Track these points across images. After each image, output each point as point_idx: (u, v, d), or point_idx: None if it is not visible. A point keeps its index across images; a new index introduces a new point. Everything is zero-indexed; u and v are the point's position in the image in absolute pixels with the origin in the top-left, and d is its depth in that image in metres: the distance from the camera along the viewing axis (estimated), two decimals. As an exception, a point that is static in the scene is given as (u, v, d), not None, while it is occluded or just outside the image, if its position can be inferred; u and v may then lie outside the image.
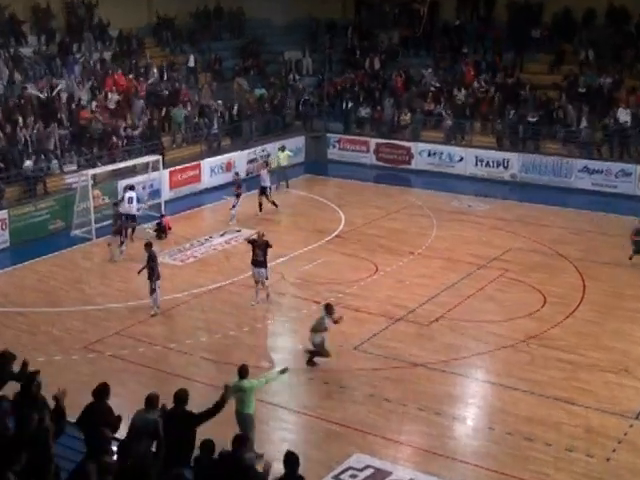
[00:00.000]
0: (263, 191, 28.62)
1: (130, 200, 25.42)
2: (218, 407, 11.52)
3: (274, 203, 28.64)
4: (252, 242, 20.70)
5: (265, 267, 20.52)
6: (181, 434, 10.93)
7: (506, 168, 33.63)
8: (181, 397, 11.40)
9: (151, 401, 11.41)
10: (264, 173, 29.00)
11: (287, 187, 31.92)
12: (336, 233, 26.59)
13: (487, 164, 33.97)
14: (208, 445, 10.22)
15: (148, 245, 20.43)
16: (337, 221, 27.88)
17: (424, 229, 26.98)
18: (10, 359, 11.67)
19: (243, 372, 13.76)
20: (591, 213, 28.70)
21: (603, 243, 25.52)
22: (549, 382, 16.68)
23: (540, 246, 25.39)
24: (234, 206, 27.62)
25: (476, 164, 34.15)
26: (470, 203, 30.31)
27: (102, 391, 11.25)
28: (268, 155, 33.84)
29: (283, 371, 14.53)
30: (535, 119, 33.90)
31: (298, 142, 36.65)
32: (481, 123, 35.59)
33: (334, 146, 37.20)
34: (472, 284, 22.08)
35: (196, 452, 10.57)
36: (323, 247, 25.32)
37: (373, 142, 36.31)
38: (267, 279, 20.63)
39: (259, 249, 20.38)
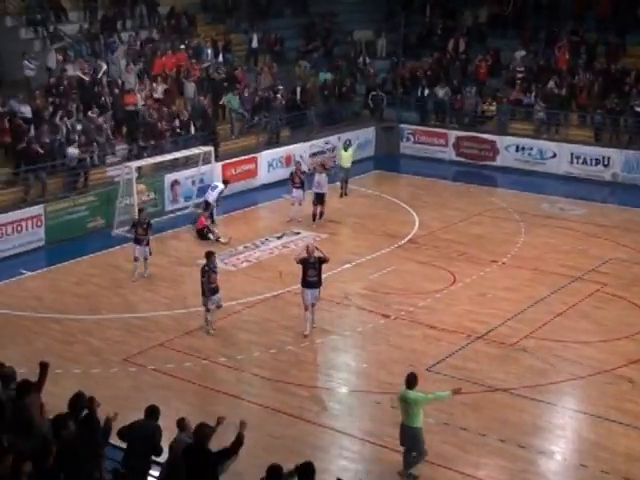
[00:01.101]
0: (320, 199, 27.67)
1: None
2: (235, 446, 11.11)
3: (320, 214, 27.69)
4: (302, 261, 19.45)
5: (319, 287, 19.63)
6: (201, 474, 10.98)
7: (606, 166, 33.19)
8: (201, 435, 11.20)
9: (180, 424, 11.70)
10: (322, 178, 27.81)
11: (345, 194, 30.78)
12: (409, 238, 26.52)
13: (584, 161, 33.57)
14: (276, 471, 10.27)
15: (207, 255, 20.25)
16: (410, 224, 27.81)
17: (510, 235, 26.73)
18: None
19: (411, 381, 14.02)
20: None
21: None
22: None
23: (644, 257, 25.04)
24: (299, 203, 27.86)
25: (571, 161, 33.77)
26: (563, 206, 29.95)
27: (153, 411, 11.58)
28: (333, 151, 33.93)
29: (456, 391, 14.46)
30: (640, 109, 33.44)
31: (367, 134, 36.71)
32: (578, 114, 35.18)
33: (408, 139, 37.16)
34: (564, 299, 21.80)
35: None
36: (394, 253, 25.27)
37: (453, 135, 36.16)
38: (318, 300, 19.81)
39: (312, 267, 19.41)
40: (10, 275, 23.43)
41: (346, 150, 30.77)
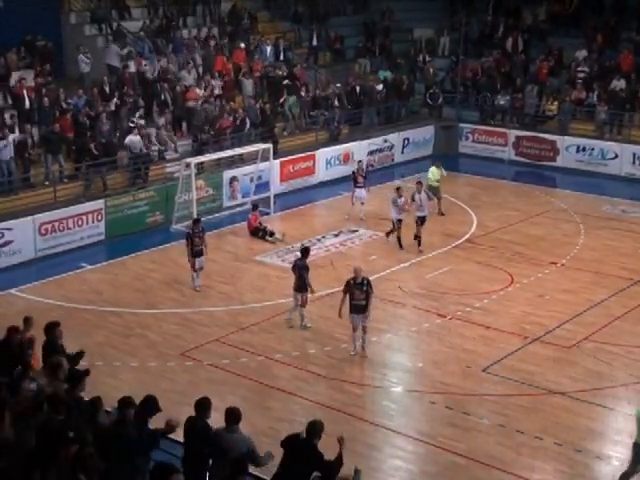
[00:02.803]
0: (422, 221, 25.49)
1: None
2: (337, 466, 10.85)
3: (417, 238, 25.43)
4: (348, 285, 18.48)
5: (366, 312, 18.54)
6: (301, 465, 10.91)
7: (672, 168, 32.68)
8: (314, 428, 11.06)
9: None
10: (423, 197, 25.52)
11: (442, 213, 28.50)
12: (466, 238, 26.37)
13: (647, 163, 33.10)
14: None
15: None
16: (468, 224, 27.64)
17: (569, 237, 26.43)
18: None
19: None
20: None
21: None
22: None
23: None
24: (361, 202, 27.78)
25: (633, 162, 33.27)
26: (625, 208, 29.52)
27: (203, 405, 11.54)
28: (391, 149, 33.80)
29: None
30: None
31: (426, 133, 36.58)
32: (641, 115, 34.69)
33: (467, 138, 36.93)
34: (624, 303, 21.51)
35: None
36: (450, 253, 25.16)
37: (512, 134, 35.85)
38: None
39: (359, 289, 18.42)
40: (71, 268, 23.80)
41: (438, 168, 28.74)
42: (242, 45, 34.90)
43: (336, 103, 34.79)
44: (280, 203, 29.45)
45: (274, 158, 29.80)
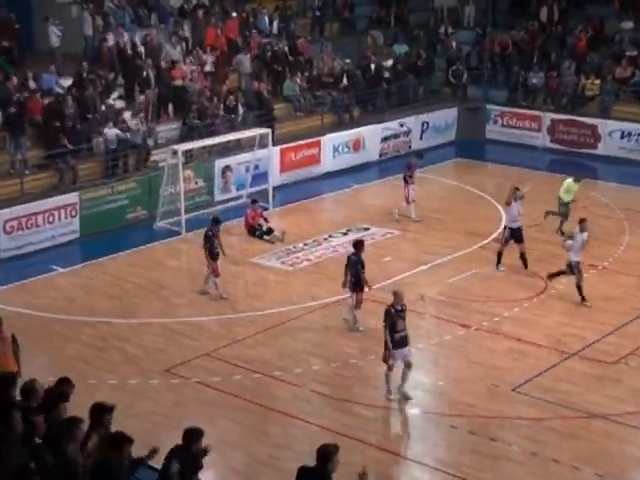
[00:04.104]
0: (518, 236, 23.99)
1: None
2: None
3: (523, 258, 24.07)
4: (389, 315, 17.58)
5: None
6: None
7: None
8: (327, 453, 10.93)
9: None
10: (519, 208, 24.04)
11: (562, 232, 26.31)
12: (494, 237, 26.29)
13: (699, 151, 33.10)
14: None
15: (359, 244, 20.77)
16: (496, 221, 27.52)
17: (612, 235, 26.35)
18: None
19: None
20: None
21: None
22: None
23: None
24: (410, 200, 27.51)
25: (688, 151, 33.30)
26: (674, 202, 29.54)
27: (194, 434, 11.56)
28: (408, 134, 33.85)
29: None
30: None
31: (448, 115, 36.58)
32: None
33: (495, 121, 36.92)
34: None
35: None
36: (476, 254, 25.13)
37: (547, 117, 35.83)
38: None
39: (401, 318, 17.66)
40: (40, 271, 23.80)
41: (577, 181, 27.17)
42: (234, 15, 34.89)
43: (345, 82, 34.77)
44: (280, 197, 29.41)
45: (273, 145, 29.81)
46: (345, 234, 26.56)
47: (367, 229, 26.90)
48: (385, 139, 34.08)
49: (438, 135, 36.13)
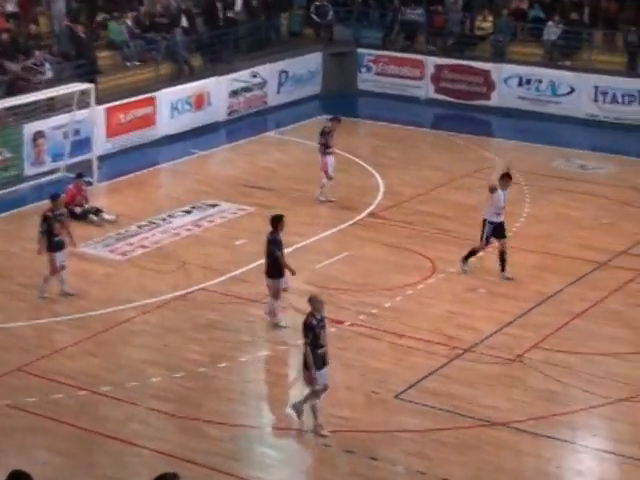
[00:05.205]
0: (500, 232, 23.40)
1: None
2: None
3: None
4: (310, 328, 16.78)
5: None
6: None
7: (644, 105, 33.65)
8: None
9: None
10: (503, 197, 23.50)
11: None
12: (370, 210, 26.68)
13: (613, 99, 33.96)
14: None
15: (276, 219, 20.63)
16: (372, 191, 27.93)
17: (510, 205, 26.65)
18: None
19: None
20: None
21: None
22: None
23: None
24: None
25: (595, 99, 34.16)
26: (584, 162, 30.38)
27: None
28: (263, 87, 33.91)
29: None
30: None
31: (311, 63, 36.90)
32: (604, 33, 35.52)
33: (368, 69, 37.33)
34: (584, 294, 22.17)
35: None
36: (349, 233, 25.47)
37: (430, 62, 36.37)
38: None
39: (323, 328, 17.04)
40: None
41: None
42: None
43: (184, 23, 34.65)
44: (108, 168, 29.31)
45: (97, 103, 29.62)
46: (188, 212, 26.66)
47: (215, 206, 27.01)
48: (234, 93, 34.18)
49: (300, 87, 36.43)
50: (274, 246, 20.51)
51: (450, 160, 30.46)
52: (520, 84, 35.09)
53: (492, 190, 22.91)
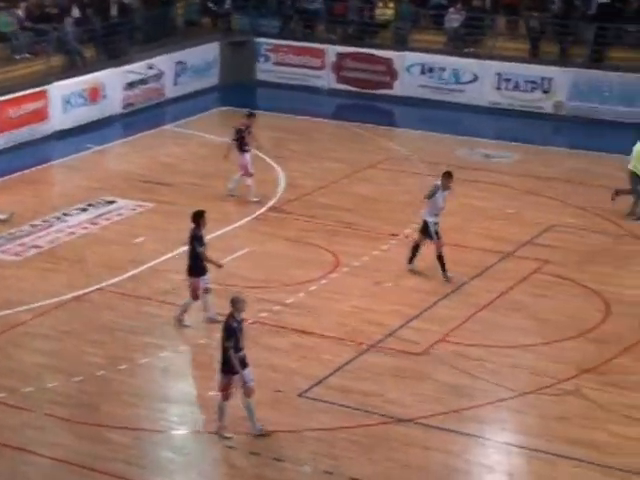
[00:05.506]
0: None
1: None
2: None
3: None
4: (231, 330, 16.64)
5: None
6: None
7: (546, 93, 33.93)
8: None
9: None
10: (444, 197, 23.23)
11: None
12: (271, 204, 26.63)
13: (516, 86, 34.25)
14: None
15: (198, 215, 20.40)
16: (271, 184, 27.88)
17: (414, 195, 26.90)
18: None
19: None
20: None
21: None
22: (618, 444, 16.79)
23: (602, 221, 25.81)
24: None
25: (499, 87, 34.42)
26: (489, 151, 30.59)
27: None
28: (160, 79, 33.67)
29: None
30: (594, 11, 34.15)
31: (208, 53, 36.80)
32: (507, 19, 35.79)
33: (267, 58, 37.29)
34: (490, 286, 22.32)
35: None
36: (249, 228, 25.43)
37: (331, 51, 36.35)
38: None
39: (242, 330, 16.82)
40: None
41: None
42: None
43: (76, 13, 34.31)
44: (-4, 164, 28.94)
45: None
46: (84, 210, 26.40)
47: (112, 203, 26.77)
48: (130, 86, 33.97)
49: (197, 78, 36.33)
50: (196, 242, 20.37)
51: (353, 151, 30.49)
52: (423, 72, 35.26)
53: (428, 197, 22.82)
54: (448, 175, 23.00)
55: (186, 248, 20.54)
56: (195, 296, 20.49)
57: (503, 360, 19.38)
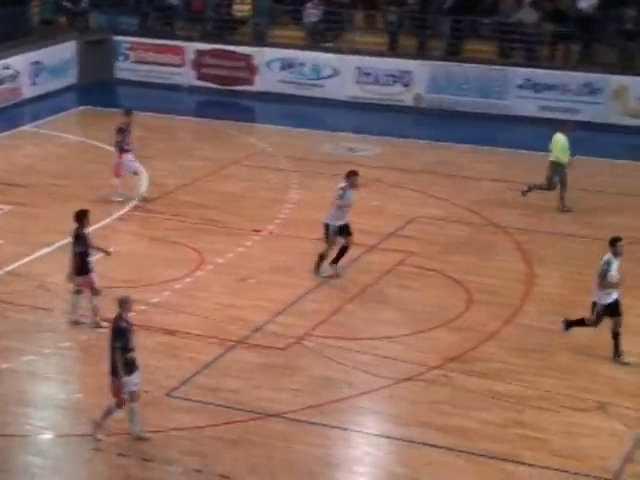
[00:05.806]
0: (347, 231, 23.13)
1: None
2: None
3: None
4: (120, 331, 16.68)
5: None
6: None
7: (406, 86, 34.30)
8: None
9: None
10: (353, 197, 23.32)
11: (566, 208, 26.51)
12: (134, 203, 26.56)
13: (376, 80, 34.51)
14: None
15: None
16: (135, 183, 27.71)
17: (278, 191, 27.18)
18: None
19: None
20: (540, 155, 29.45)
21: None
22: (480, 430, 17.10)
23: (463, 212, 26.32)
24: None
25: (358, 81, 34.63)
26: (352, 145, 30.85)
27: None
28: (16, 78, 33.35)
29: None
30: (450, 4, 34.60)
31: (65, 52, 36.44)
32: (365, 14, 36.04)
33: (126, 57, 37.09)
34: (355, 278, 22.59)
35: None
36: (112, 228, 25.34)
37: (190, 49, 36.29)
38: None
39: (132, 332, 17.07)
40: None
41: (565, 133, 26.65)
42: None
43: None
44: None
45: None
46: None
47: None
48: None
49: (55, 78, 35.95)
50: (80, 242, 20.33)
51: (216, 148, 30.52)
52: (283, 68, 35.38)
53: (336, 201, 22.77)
54: (353, 174, 22.90)
55: (50, 250, 20.35)
56: (96, 292, 20.46)
57: (371, 352, 19.59)
